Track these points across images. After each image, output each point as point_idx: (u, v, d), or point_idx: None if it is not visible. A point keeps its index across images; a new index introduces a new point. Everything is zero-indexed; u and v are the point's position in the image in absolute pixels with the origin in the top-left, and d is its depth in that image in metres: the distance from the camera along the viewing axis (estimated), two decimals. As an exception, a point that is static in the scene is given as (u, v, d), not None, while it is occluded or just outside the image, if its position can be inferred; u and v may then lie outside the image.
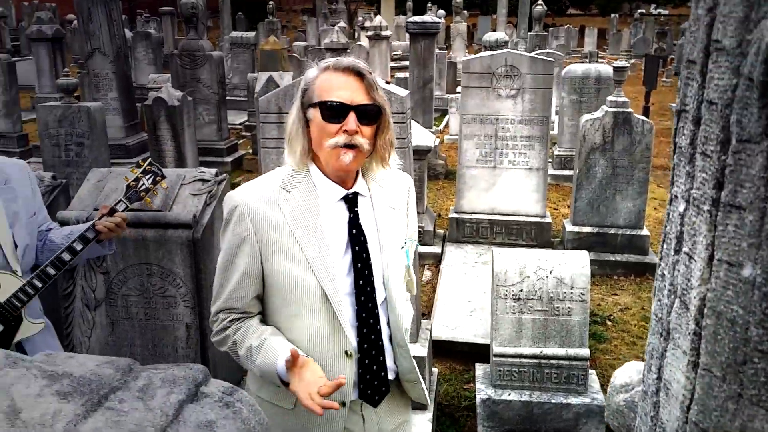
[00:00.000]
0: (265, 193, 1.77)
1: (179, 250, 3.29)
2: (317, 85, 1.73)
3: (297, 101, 1.77)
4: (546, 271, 3.41)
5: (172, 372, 0.94)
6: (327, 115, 1.69)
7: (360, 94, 1.70)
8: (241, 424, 0.89)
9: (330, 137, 1.70)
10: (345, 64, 1.71)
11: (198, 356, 3.38)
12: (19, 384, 0.85)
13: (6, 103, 9.53)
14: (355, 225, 1.81)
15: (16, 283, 2.24)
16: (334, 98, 1.68)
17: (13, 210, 2.28)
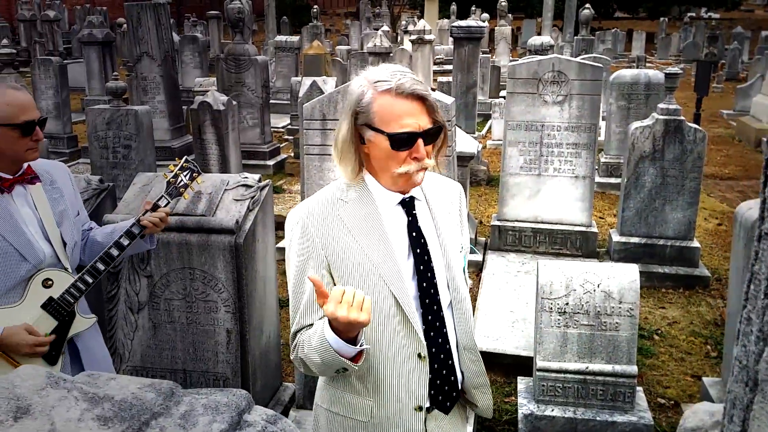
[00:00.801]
0: (325, 207, 1.78)
1: (221, 255, 3.30)
2: (377, 109, 1.69)
3: (348, 118, 1.73)
4: (593, 284, 3.31)
5: (215, 398, 0.91)
6: (397, 145, 1.69)
7: (424, 118, 1.70)
8: (284, 455, 0.85)
9: (398, 164, 1.71)
10: (408, 90, 1.67)
11: (237, 361, 3.39)
12: (60, 407, 0.83)
13: (57, 104, 9.79)
14: (414, 228, 1.82)
15: (68, 279, 2.32)
16: (402, 129, 1.67)
17: (60, 209, 2.38)
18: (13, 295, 2.24)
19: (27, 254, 2.23)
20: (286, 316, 5.03)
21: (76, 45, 18.71)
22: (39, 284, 2.27)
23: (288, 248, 1.82)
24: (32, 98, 2.29)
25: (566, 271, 3.38)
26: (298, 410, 3.58)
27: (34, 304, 2.26)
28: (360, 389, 1.83)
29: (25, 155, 2.24)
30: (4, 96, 2.18)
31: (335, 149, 1.78)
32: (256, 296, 3.47)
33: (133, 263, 3.39)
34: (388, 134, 1.67)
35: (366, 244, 1.75)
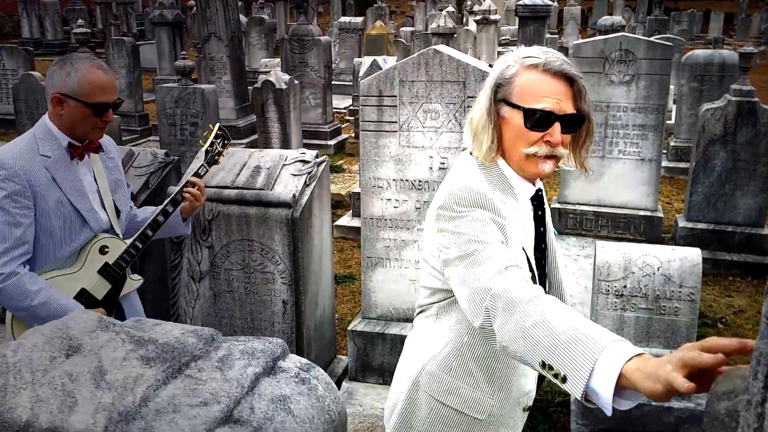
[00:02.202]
0: (490, 192, 1.63)
1: (279, 228, 3.38)
2: (519, 83, 1.59)
3: (488, 92, 1.63)
4: (653, 267, 3.23)
5: (252, 344, 0.95)
6: (531, 123, 1.58)
7: (568, 102, 1.59)
8: (315, 400, 0.88)
9: (529, 144, 1.60)
10: (556, 67, 1.57)
11: (293, 332, 3.47)
12: (107, 347, 0.89)
13: (129, 84, 10.15)
14: (542, 223, 1.77)
15: (122, 245, 2.43)
16: (541, 106, 1.57)
17: (115, 178, 2.50)
18: (71, 260, 2.34)
19: (89, 219, 2.33)
20: (342, 292, 5.13)
21: (148, 26, 19.29)
22: (96, 251, 2.37)
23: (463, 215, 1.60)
24: (114, 80, 2.34)
25: (625, 253, 3.30)
26: (350, 382, 3.65)
27: (92, 269, 2.37)
28: (484, 386, 1.73)
29: (90, 132, 2.31)
30: (88, 73, 2.23)
31: (469, 126, 1.68)
32: (311, 269, 3.54)
33: (195, 234, 3.51)
34: (524, 108, 1.58)
35: (514, 233, 1.65)
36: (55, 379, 0.81)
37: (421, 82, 3.24)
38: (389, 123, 3.34)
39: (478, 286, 1.47)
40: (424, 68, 3.22)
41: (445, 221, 1.62)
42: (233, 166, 3.59)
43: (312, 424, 0.83)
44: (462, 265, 1.54)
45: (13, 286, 2.17)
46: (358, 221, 5.56)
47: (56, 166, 2.26)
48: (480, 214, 1.57)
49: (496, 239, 1.55)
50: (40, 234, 2.25)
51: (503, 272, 1.46)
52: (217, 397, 0.80)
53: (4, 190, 2.17)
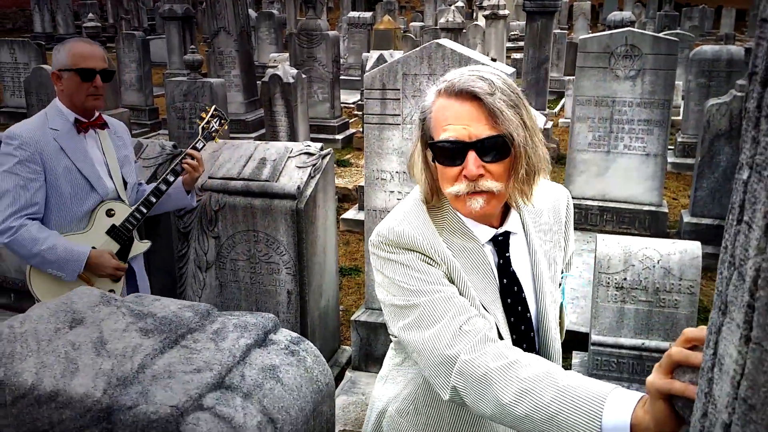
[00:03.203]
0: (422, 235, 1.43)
1: (283, 219, 3.43)
2: (433, 114, 1.39)
3: (417, 131, 1.45)
4: (653, 260, 3.26)
5: (245, 319, 1.00)
6: (441, 157, 1.37)
7: (480, 125, 1.32)
8: (303, 371, 0.93)
9: (450, 183, 1.38)
10: (458, 87, 1.34)
11: (297, 321, 3.53)
12: (109, 320, 0.94)
13: (139, 77, 10.23)
14: (506, 273, 1.48)
15: (127, 209, 2.71)
16: (445, 135, 1.35)
17: (124, 154, 2.78)
18: (81, 223, 2.62)
19: (96, 186, 2.60)
20: (347, 284, 5.18)
21: (159, 21, 19.39)
22: (103, 214, 2.65)
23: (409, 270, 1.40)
24: (100, 52, 2.63)
25: (625, 246, 3.33)
26: (353, 371, 3.70)
27: (100, 230, 2.64)
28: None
29: (85, 101, 2.57)
30: (70, 47, 2.55)
31: (408, 163, 1.51)
32: (315, 260, 3.59)
33: (202, 224, 3.57)
34: (429, 143, 1.39)
35: (471, 279, 1.45)
36: (58, 347, 0.86)
37: (423, 75, 3.28)
38: (392, 116, 3.38)
39: (436, 357, 1.29)
40: (426, 62, 3.26)
41: (376, 260, 1.46)
42: (239, 158, 3.65)
43: (300, 392, 0.88)
44: (408, 325, 1.36)
45: (22, 236, 2.44)
46: (364, 214, 5.61)
47: (64, 138, 2.55)
48: (408, 257, 1.40)
49: (437, 284, 1.37)
50: (52, 197, 2.53)
51: (461, 333, 1.29)
52: (209, 365, 0.85)
53: (15, 157, 2.47)
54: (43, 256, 2.47)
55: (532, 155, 1.36)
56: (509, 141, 1.33)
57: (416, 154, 1.45)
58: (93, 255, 2.55)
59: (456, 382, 1.26)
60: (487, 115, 1.32)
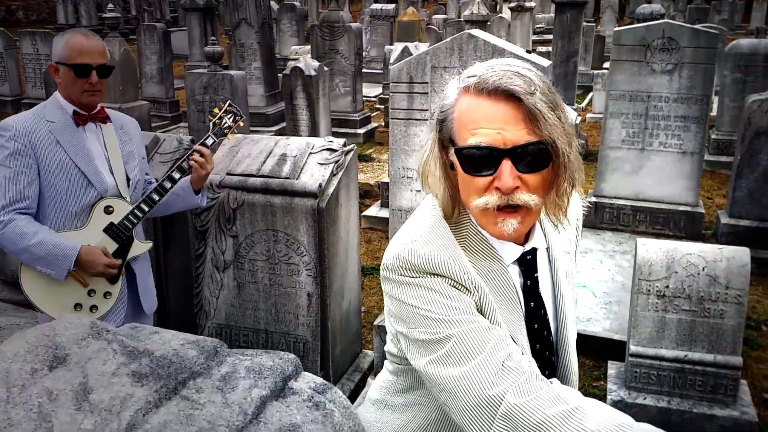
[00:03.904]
0: (449, 255, 1.24)
1: (304, 218, 3.27)
2: (457, 114, 1.20)
3: (434, 134, 1.26)
4: (697, 267, 3.05)
5: (260, 360, 0.83)
6: (468, 165, 1.17)
7: (518, 129, 1.13)
8: (331, 429, 0.76)
9: (477, 195, 1.18)
10: (492, 84, 1.14)
11: (318, 325, 3.37)
12: (96, 359, 0.78)
13: (160, 70, 10.14)
14: (533, 296, 1.31)
15: (127, 207, 2.55)
16: (476, 141, 1.15)
17: (128, 150, 2.63)
18: (78, 220, 2.47)
19: (94, 181, 2.46)
20: (369, 284, 5.02)
21: (181, 13, 19.34)
22: (101, 210, 2.50)
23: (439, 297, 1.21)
24: (101, 46, 2.49)
25: (668, 252, 3.12)
26: (375, 378, 3.53)
27: (97, 228, 2.49)
28: None
29: (80, 96, 2.44)
30: (69, 39, 2.42)
31: (419, 168, 1.32)
32: (337, 261, 3.43)
33: (219, 223, 3.42)
34: (456, 150, 1.19)
35: (498, 303, 1.27)
36: (32, 397, 0.71)
37: (454, 68, 3.09)
38: (420, 111, 3.20)
39: (475, 398, 1.10)
40: (457, 53, 3.07)
41: (391, 286, 1.26)
42: (259, 154, 3.49)
43: (326, 458, 0.71)
44: (436, 360, 1.16)
45: (11, 231, 2.32)
46: (386, 212, 5.44)
47: (60, 131, 2.44)
48: (435, 282, 1.20)
49: (470, 313, 1.18)
50: (46, 191, 2.41)
51: (504, 370, 1.10)
52: (214, 427, 0.68)
53: (6, 149, 2.34)
54: (31, 252, 2.32)
55: (571, 168, 1.18)
56: (551, 148, 1.15)
57: (432, 160, 1.26)
58: (83, 251, 2.38)
59: (501, 428, 1.06)
60: (526, 117, 1.13)
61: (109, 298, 2.51)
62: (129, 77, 8.59)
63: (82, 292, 2.47)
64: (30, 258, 2.34)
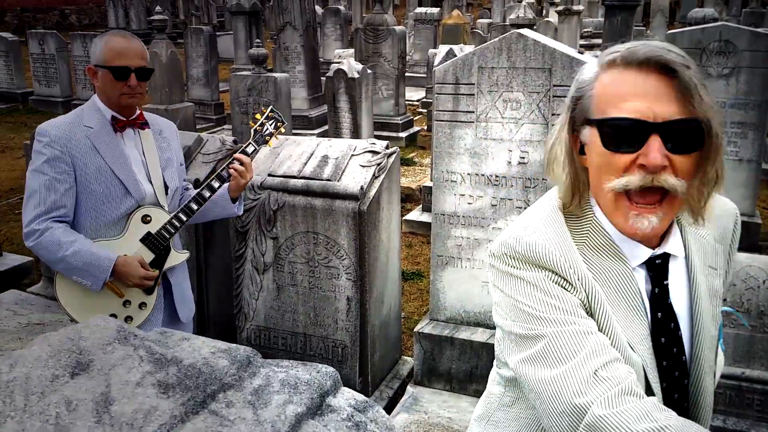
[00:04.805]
0: (560, 250, 1.15)
1: (345, 221, 3.21)
2: (598, 89, 1.10)
3: (565, 114, 1.17)
4: (757, 279, 2.88)
5: (296, 373, 0.76)
6: (611, 139, 1.07)
7: (670, 104, 1.03)
8: (372, 453, 0.68)
9: (615, 174, 1.08)
10: (642, 55, 1.05)
11: (357, 330, 3.31)
12: (121, 366, 0.72)
13: (206, 72, 10.26)
14: (662, 305, 1.18)
15: (165, 216, 2.47)
16: (622, 113, 1.05)
17: (167, 156, 2.55)
18: (114, 229, 2.41)
19: (132, 190, 2.39)
20: (409, 289, 4.94)
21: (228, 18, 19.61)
22: (139, 220, 2.43)
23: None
24: (140, 48, 2.42)
25: (725, 263, 2.96)
26: (415, 386, 3.45)
27: (134, 237, 2.42)
28: None
29: (119, 99, 2.38)
30: (108, 41, 2.36)
31: (546, 154, 1.22)
32: (378, 266, 3.36)
33: (260, 224, 3.39)
34: (597, 121, 1.09)
35: (616, 309, 1.16)
36: (50, 407, 0.66)
37: (502, 68, 2.99)
38: (465, 113, 3.11)
39: (561, 404, 1.02)
40: (505, 53, 2.97)
41: (495, 275, 1.20)
42: (300, 155, 3.45)
43: (367, 486, 0.63)
44: (528, 358, 1.10)
45: (47, 240, 2.28)
46: (428, 216, 5.36)
47: (98, 137, 2.37)
48: (538, 276, 1.13)
49: (570, 314, 1.09)
50: (83, 199, 2.36)
51: (596, 380, 1.01)
52: (244, 446, 0.61)
53: (44, 155, 2.30)
54: (67, 262, 2.27)
55: (720, 157, 1.08)
56: (705, 128, 1.05)
57: (559, 143, 1.16)
58: (120, 262, 2.32)
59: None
60: (679, 93, 1.03)
61: (144, 308, 2.45)
62: (175, 79, 8.70)
63: (118, 302, 2.41)
64: (66, 268, 2.30)
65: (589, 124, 1.12)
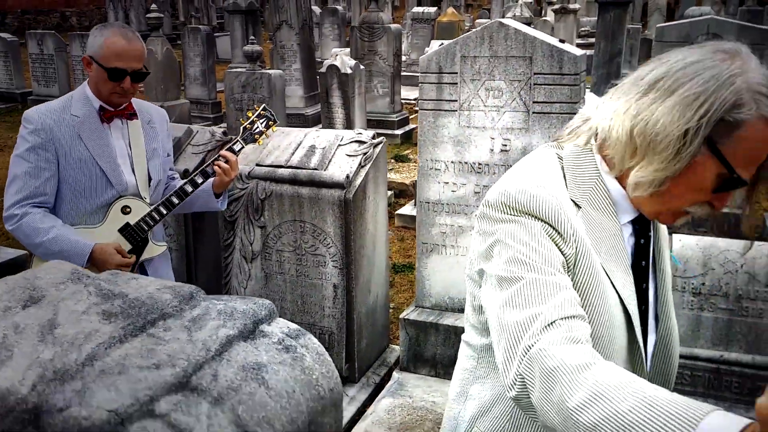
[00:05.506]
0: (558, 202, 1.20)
1: (331, 209, 3.26)
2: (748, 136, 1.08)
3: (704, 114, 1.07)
4: (735, 264, 2.93)
5: (234, 304, 0.82)
6: (724, 186, 1.12)
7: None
8: (299, 372, 0.74)
9: (692, 201, 1.16)
10: None
11: (343, 317, 3.35)
12: (70, 299, 0.78)
13: (203, 71, 10.32)
14: (646, 255, 1.31)
15: (145, 208, 2.48)
16: (747, 176, 1.11)
17: (153, 146, 2.54)
18: (94, 218, 2.43)
19: (114, 180, 2.40)
20: (400, 281, 4.99)
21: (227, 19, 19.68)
22: (118, 210, 2.44)
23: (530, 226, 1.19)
24: (139, 49, 2.37)
25: (705, 248, 3.01)
26: (401, 372, 3.50)
27: (113, 227, 2.44)
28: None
29: (109, 97, 2.37)
30: (109, 38, 2.31)
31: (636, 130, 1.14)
32: (364, 254, 3.41)
33: (248, 213, 3.44)
34: (736, 177, 1.10)
35: (607, 261, 1.24)
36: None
37: (484, 57, 3.04)
38: (449, 101, 3.16)
39: (518, 343, 1.07)
40: (487, 42, 3.02)
41: (488, 222, 1.24)
42: (288, 146, 3.50)
43: (291, 400, 0.69)
44: (502, 297, 1.15)
45: (26, 225, 2.30)
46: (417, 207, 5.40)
47: (84, 126, 2.37)
48: (534, 225, 1.17)
49: (552, 266, 1.15)
50: (65, 187, 2.37)
51: (553, 327, 1.06)
52: (173, 360, 0.67)
53: (28, 142, 2.32)
54: (45, 247, 2.29)
55: None
56: None
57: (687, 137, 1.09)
58: (97, 250, 2.32)
59: (524, 370, 1.04)
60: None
61: None
62: (171, 76, 8.76)
63: None
64: (44, 252, 2.31)
65: (716, 156, 1.10)
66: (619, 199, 1.25)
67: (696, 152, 1.09)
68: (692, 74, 1.09)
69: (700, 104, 1.07)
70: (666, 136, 1.10)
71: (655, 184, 1.14)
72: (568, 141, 1.29)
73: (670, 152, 1.10)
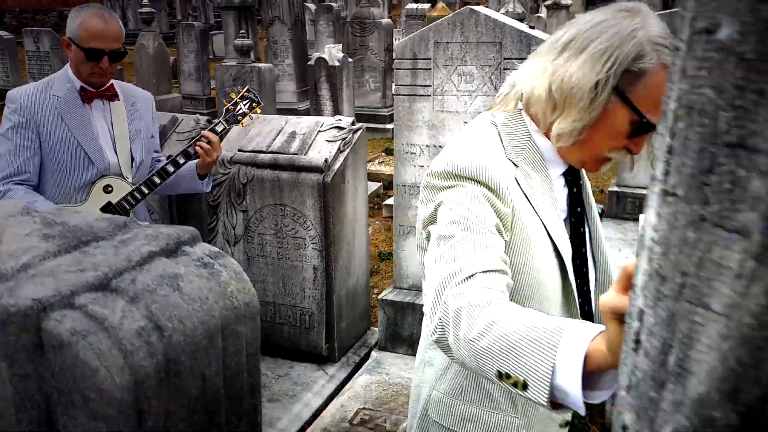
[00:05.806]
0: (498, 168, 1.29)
1: (310, 192, 3.36)
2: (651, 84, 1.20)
3: (610, 67, 1.19)
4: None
5: (161, 230, 0.91)
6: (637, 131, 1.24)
7: None
8: (215, 284, 0.83)
9: (614, 149, 1.28)
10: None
11: (323, 298, 3.45)
12: (16, 226, 0.86)
13: (197, 68, 10.40)
14: (579, 203, 1.44)
15: (126, 188, 2.53)
16: (653, 119, 1.20)
17: (136, 128, 2.58)
18: (77, 197, 2.47)
19: (95, 159, 2.45)
20: (385, 269, 5.08)
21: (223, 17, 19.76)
22: (100, 189, 2.49)
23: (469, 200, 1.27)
24: (117, 30, 2.43)
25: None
26: (379, 351, 3.60)
27: (95, 206, 2.48)
28: (506, 406, 1.41)
29: (88, 77, 2.43)
30: (86, 19, 2.36)
31: (553, 88, 1.25)
32: (343, 237, 3.50)
33: (230, 197, 3.54)
34: (646, 122, 1.21)
35: (542, 212, 1.34)
36: (-53, 249, 0.79)
37: (456, 43, 3.14)
38: (423, 87, 3.25)
39: (440, 292, 1.16)
40: (459, 29, 3.12)
41: (432, 191, 1.32)
42: (270, 132, 3.60)
43: (203, 305, 0.78)
44: (437, 254, 1.22)
45: (7, 201, 2.32)
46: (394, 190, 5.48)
47: (65, 106, 2.42)
48: (473, 188, 1.25)
49: (485, 227, 1.22)
50: (47, 166, 2.42)
51: (473, 278, 1.14)
52: (97, 267, 0.76)
53: (11, 121, 2.38)
54: None
55: None
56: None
57: (596, 89, 1.20)
58: None
59: (441, 315, 1.12)
60: None
61: None
62: (162, 70, 8.85)
63: None
64: None
65: (625, 104, 1.21)
66: (549, 155, 1.36)
67: (607, 101, 1.21)
68: (599, 32, 1.21)
69: (607, 58, 1.19)
70: (580, 89, 1.21)
71: (574, 133, 1.25)
72: (500, 108, 1.39)
73: (585, 103, 1.21)
